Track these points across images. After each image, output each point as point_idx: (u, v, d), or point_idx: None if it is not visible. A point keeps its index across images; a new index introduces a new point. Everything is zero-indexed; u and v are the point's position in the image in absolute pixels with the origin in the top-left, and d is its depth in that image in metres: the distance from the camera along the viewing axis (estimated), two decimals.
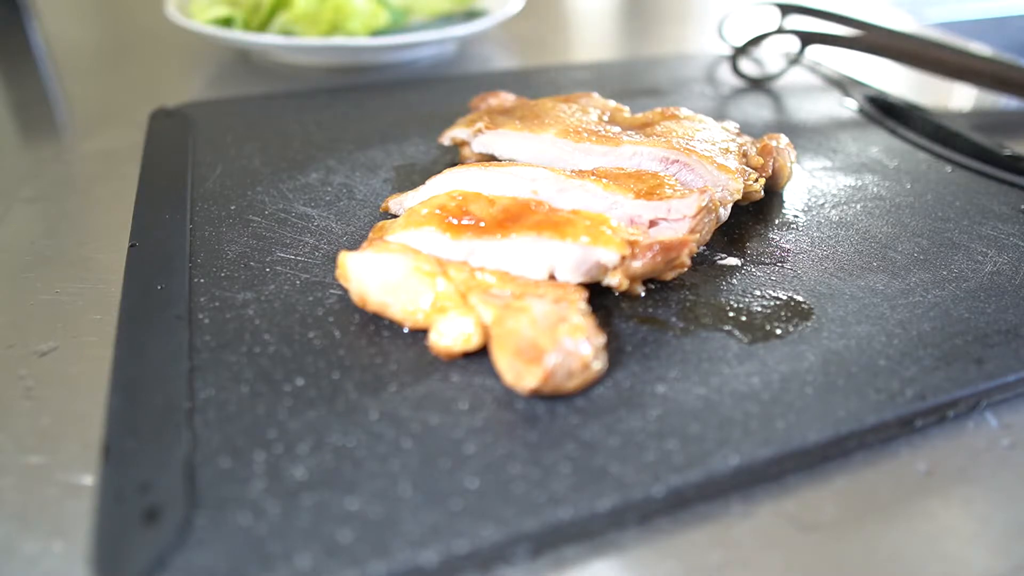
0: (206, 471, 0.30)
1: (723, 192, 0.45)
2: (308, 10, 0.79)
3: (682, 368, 0.36)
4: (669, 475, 0.30)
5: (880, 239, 0.48)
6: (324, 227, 0.47)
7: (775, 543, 0.30)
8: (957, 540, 0.30)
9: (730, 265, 0.44)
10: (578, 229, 0.38)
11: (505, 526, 0.28)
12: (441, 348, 0.36)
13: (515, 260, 0.38)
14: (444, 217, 0.40)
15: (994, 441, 0.35)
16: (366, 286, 0.38)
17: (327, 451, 0.31)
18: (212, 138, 0.60)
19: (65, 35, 0.96)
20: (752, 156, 0.51)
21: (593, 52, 0.96)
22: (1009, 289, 0.42)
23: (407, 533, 0.28)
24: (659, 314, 0.40)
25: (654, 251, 0.39)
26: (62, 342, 0.40)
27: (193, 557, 0.27)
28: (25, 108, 0.72)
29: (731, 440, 0.32)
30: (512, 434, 0.32)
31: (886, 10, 1.12)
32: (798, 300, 0.41)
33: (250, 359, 0.36)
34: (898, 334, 0.39)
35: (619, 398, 0.34)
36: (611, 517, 0.29)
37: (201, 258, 0.44)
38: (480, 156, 0.54)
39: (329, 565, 0.26)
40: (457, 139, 0.55)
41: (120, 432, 0.32)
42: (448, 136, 0.55)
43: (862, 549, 0.30)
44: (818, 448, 0.32)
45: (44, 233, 0.50)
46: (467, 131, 0.54)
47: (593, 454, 0.31)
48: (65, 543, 0.29)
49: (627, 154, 0.48)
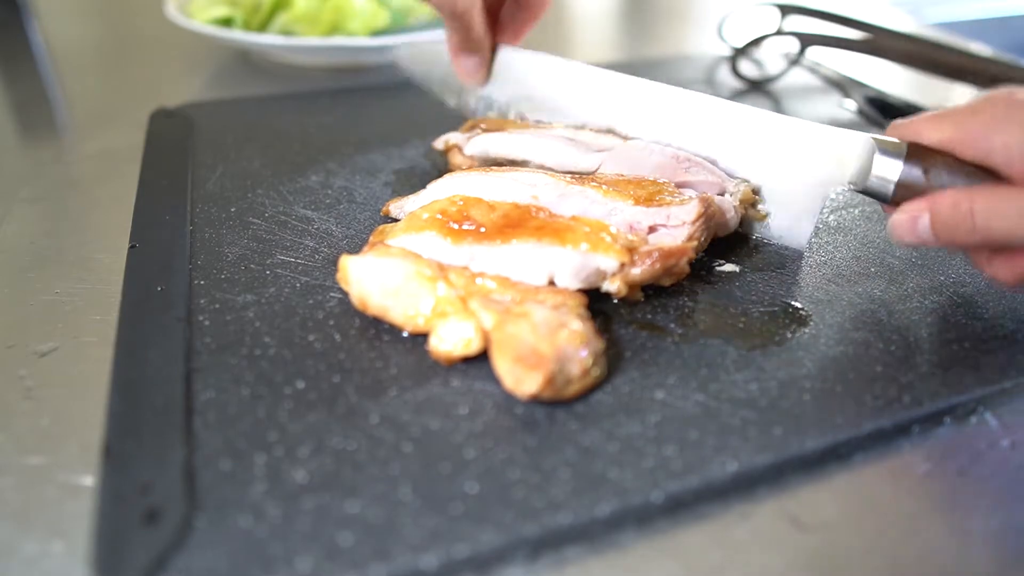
0: (206, 473, 0.30)
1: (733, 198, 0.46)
2: (308, 10, 0.79)
3: (681, 374, 0.36)
4: (668, 481, 0.30)
5: (878, 245, 0.48)
6: (324, 230, 0.48)
7: (775, 543, 0.30)
8: (957, 540, 0.30)
9: (729, 271, 0.44)
10: (578, 235, 0.39)
11: (504, 531, 0.28)
12: (441, 353, 0.36)
13: (515, 266, 0.38)
14: (445, 222, 0.40)
15: (994, 441, 0.35)
16: (367, 290, 0.38)
17: (327, 454, 0.31)
18: (212, 139, 0.60)
19: (65, 35, 0.96)
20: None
21: (593, 52, 0.96)
22: (1006, 295, 0.43)
23: (407, 537, 0.28)
24: (658, 320, 0.40)
25: (653, 258, 0.39)
26: (62, 342, 0.40)
27: (193, 559, 0.27)
28: (25, 108, 0.72)
29: (729, 446, 0.32)
30: (512, 439, 0.32)
31: (886, 11, 1.12)
32: (796, 306, 0.41)
33: (250, 361, 0.36)
34: (895, 340, 0.39)
35: (618, 404, 0.34)
36: (610, 522, 0.29)
37: (201, 260, 0.44)
38: (471, 160, 0.53)
39: (329, 568, 0.27)
40: (450, 143, 0.54)
41: (120, 433, 0.32)
42: (442, 140, 0.55)
43: (862, 549, 0.30)
44: (816, 454, 0.33)
45: (44, 233, 0.50)
46: (463, 136, 0.54)
47: (592, 460, 0.31)
48: (65, 544, 0.29)
49: (639, 146, 0.48)
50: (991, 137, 0.35)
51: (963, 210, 0.35)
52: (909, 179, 0.38)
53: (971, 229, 0.35)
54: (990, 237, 0.35)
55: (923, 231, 0.36)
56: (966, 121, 0.36)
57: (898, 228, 0.37)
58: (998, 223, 0.34)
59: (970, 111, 0.37)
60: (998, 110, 0.35)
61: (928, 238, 0.36)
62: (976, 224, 0.34)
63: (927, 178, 0.37)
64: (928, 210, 0.36)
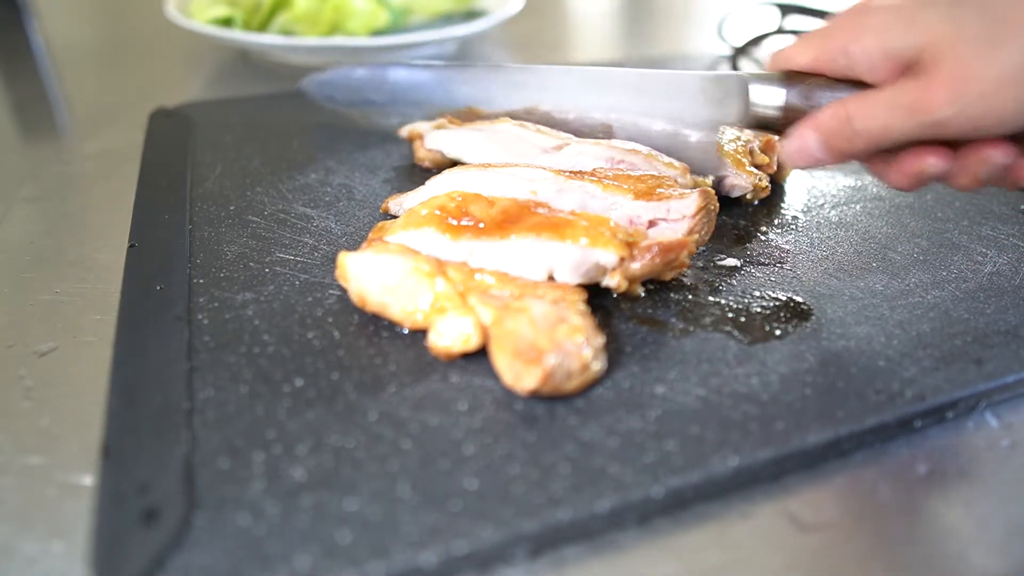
0: (205, 472, 0.30)
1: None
2: (308, 10, 0.79)
3: (681, 369, 0.36)
4: (668, 476, 0.30)
5: (880, 240, 0.48)
6: (323, 228, 0.47)
7: (775, 543, 0.30)
8: (957, 540, 0.30)
9: (730, 266, 0.44)
10: (577, 230, 0.38)
11: (504, 527, 0.28)
12: (440, 349, 0.36)
13: (514, 261, 0.38)
14: (444, 218, 0.40)
15: (994, 441, 0.35)
16: (365, 287, 0.38)
17: (326, 452, 0.31)
18: (212, 138, 0.60)
19: (65, 35, 0.96)
20: (757, 154, 0.51)
21: (593, 52, 0.96)
22: (1009, 289, 0.42)
23: (406, 534, 0.28)
24: (658, 315, 0.40)
25: (653, 252, 0.39)
26: (62, 342, 0.40)
27: (192, 558, 0.27)
28: (25, 108, 0.73)
29: (730, 441, 0.32)
30: (511, 435, 0.32)
31: None
32: (797, 301, 0.41)
33: (249, 360, 0.36)
34: (897, 335, 0.39)
35: (618, 399, 0.34)
36: (610, 518, 0.29)
37: (200, 258, 0.44)
38: (431, 153, 0.54)
39: (328, 566, 0.27)
40: (414, 133, 0.56)
41: (119, 432, 0.32)
42: (407, 128, 0.56)
43: (862, 549, 0.30)
44: (817, 449, 0.32)
45: (44, 233, 0.50)
46: (427, 124, 0.55)
47: (592, 455, 0.31)
48: (64, 543, 0.29)
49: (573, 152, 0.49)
50: (850, 49, 0.36)
51: (841, 117, 0.36)
52: (789, 102, 0.40)
53: (851, 134, 0.36)
54: (870, 139, 0.36)
55: (813, 147, 0.37)
56: (825, 40, 0.37)
57: (790, 151, 0.38)
58: (872, 121, 0.35)
59: (828, 29, 0.38)
60: (851, 21, 0.36)
61: (819, 154, 0.37)
62: (855, 127, 0.35)
63: (805, 99, 0.39)
64: (812, 127, 0.37)
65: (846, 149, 0.36)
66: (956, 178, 0.37)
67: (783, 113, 0.40)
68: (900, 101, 0.34)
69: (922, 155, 0.36)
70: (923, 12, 0.34)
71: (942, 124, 0.33)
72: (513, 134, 0.51)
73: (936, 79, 0.33)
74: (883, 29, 0.35)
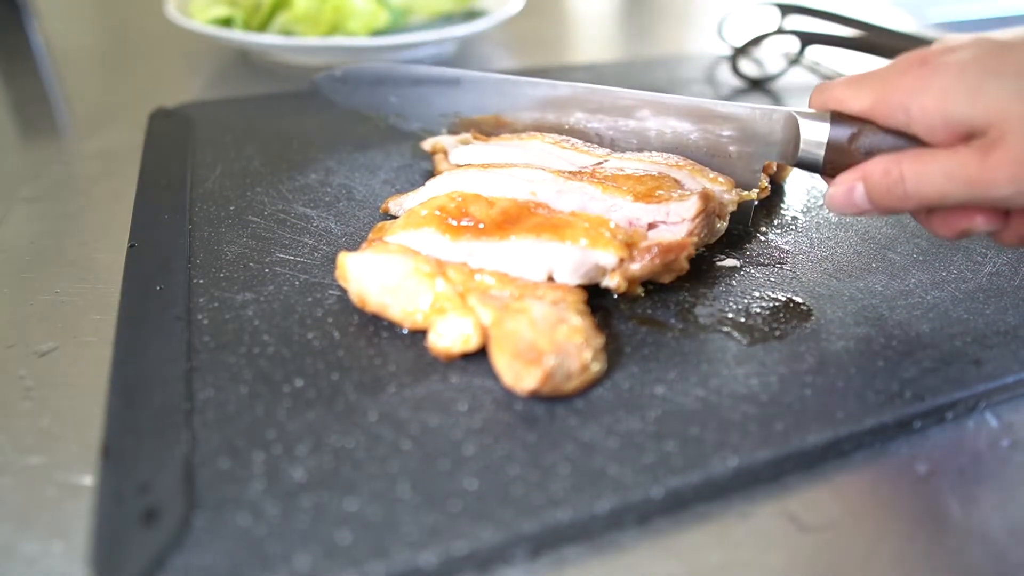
0: (205, 472, 0.30)
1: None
2: (308, 10, 0.79)
3: (681, 369, 0.36)
4: (668, 477, 0.30)
5: (879, 240, 0.48)
6: (323, 228, 0.47)
7: (775, 543, 0.30)
8: (957, 540, 0.30)
9: (729, 266, 0.44)
10: (577, 231, 0.38)
11: (504, 527, 0.28)
12: (440, 349, 0.36)
13: (514, 262, 0.38)
14: (443, 218, 0.40)
15: (994, 441, 0.35)
16: (365, 287, 0.38)
17: (326, 452, 0.31)
18: (212, 138, 0.60)
19: (65, 35, 0.96)
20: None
21: (593, 52, 0.96)
22: (1008, 290, 0.42)
23: (406, 534, 0.28)
24: (658, 315, 0.40)
25: (652, 253, 0.39)
26: (62, 342, 0.40)
27: (192, 558, 0.27)
28: (25, 108, 0.72)
29: (730, 442, 0.32)
30: (511, 435, 0.32)
31: (886, 10, 1.12)
32: (797, 301, 0.41)
33: (249, 360, 0.36)
34: (897, 335, 0.39)
35: (618, 399, 0.34)
36: (610, 518, 0.29)
37: (200, 259, 0.44)
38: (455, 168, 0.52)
39: (328, 566, 0.27)
40: (438, 146, 0.53)
41: (119, 432, 0.32)
42: (431, 142, 0.54)
43: (862, 549, 0.30)
44: (817, 449, 0.32)
45: (44, 233, 0.50)
46: (451, 139, 0.53)
47: (592, 455, 0.31)
48: (64, 543, 0.29)
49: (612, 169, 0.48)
50: (909, 105, 0.35)
51: (894, 176, 0.35)
52: (837, 143, 0.39)
53: (903, 195, 0.35)
54: (922, 200, 0.35)
55: (859, 200, 0.37)
56: (885, 90, 0.37)
57: (836, 200, 0.38)
58: (927, 187, 0.34)
59: (886, 79, 0.37)
60: (912, 76, 0.35)
61: (865, 206, 0.37)
62: (907, 189, 0.35)
63: (854, 145, 0.38)
64: (861, 179, 0.36)
65: (896, 207, 0.36)
66: (1002, 235, 0.37)
67: (826, 156, 0.39)
68: (959, 173, 0.33)
69: (971, 214, 0.36)
70: (989, 83, 0.33)
71: (1001, 200, 0.33)
72: (545, 151, 0.49)
73: (998, 156, 0.32)
74: (946, 93, 0.34)
